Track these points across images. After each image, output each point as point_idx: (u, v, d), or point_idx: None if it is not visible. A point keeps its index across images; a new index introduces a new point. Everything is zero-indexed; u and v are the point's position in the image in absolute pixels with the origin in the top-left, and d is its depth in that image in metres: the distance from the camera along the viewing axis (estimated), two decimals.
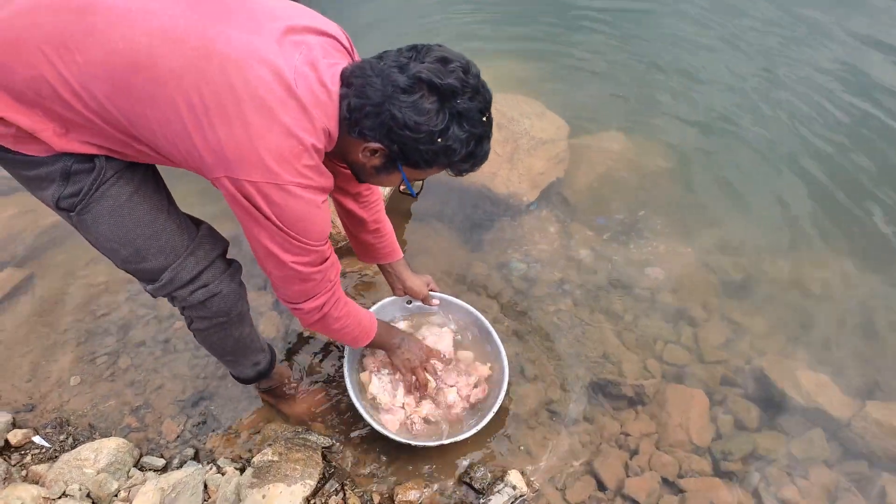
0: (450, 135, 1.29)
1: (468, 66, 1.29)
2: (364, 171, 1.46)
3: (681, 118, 3.67)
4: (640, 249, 2.86)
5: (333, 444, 2.10)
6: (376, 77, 1.26)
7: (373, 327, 1.91)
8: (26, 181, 1.39)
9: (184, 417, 2.21)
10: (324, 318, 1.64)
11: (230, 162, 1.22)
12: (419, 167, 1.37)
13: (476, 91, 1.30)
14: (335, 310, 1.65)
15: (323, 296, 1.58)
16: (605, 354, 2.41)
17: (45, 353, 2.41)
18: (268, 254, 1.40)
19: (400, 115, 1.25)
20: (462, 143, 1.32)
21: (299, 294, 1.55)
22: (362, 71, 1.28)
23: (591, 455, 2.13)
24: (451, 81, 1.25)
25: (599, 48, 4.29)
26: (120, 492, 1.89)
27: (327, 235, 1.46)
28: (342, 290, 1.69)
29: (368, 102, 1.26)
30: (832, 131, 3.56)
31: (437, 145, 1.30)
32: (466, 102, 1.28)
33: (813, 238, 2.94)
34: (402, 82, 1.24)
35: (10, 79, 1.20)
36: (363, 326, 1.85)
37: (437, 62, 1.26)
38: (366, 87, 1.26)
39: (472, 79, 1.28)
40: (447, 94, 1.26)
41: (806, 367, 2.37)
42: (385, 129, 1.29)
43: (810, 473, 2.09)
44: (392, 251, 2.12)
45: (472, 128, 1.31)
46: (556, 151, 3.14)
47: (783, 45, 4.34)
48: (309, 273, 1.48)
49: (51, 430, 2.16)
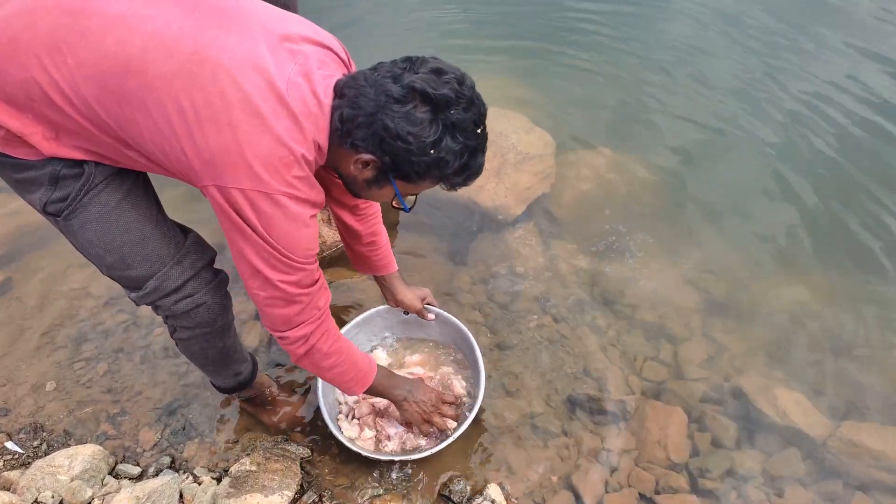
0: (443, 146, 1.27)
1: (463, 77, 1.28)
2: (356, 185, 1.43)
3: (668, 136, 3.71)
4: (623, 266, 2.89)
5: (312, 454, 2.09)
6: (370, 87, 1.24)
7: (371, 372, 1.81)
8: (14, 183, 1.38)
9: (161, 425, 2.19)
10: (311, 351, 1.57)
11: (219, 169, 1.21)
12: (411, 180, 1.35)
13: (471, 102, 1.28)
14: (323, 343, 1.57)
15: (310, 325, 1.52)
16: (587, 370, 2.42)
17: (21, 357, 2.38)
18: (253, 272, 1.36)
19: (392, 125, 1.23)
20: (455, 155, 1.29)
21: (284, 320, 1.48)
22: (355, 81, 1.27)
23: (571, 470, 2.13)
24: (446, 92, 1.23)
25: (588, 65, 4.34)
26: (94, 500, 1.86)
27: (315, 254, 1.43)
28: (334, 324, 1.63)
29: (361, 112, 1.24)
30: (821, 150, 3.61)
31: (429, 157, 1.27)
32: (460, 113, 1.26)
33: (795, 258, 2.97)
34: (396, 92, 1.23)
35: (3, 80, 1.19)
36: (359, 369, 1.75)
37: (432, 73, 1.25)
38: (359, 97, 1.24)
39: (466, 90, 1.27)
40: (441, 105, 1.24)
41: (784, 386, 2.39)
42: (377, 139, 1.26)
43: (786, 492, 2.11)
44: (387, 264, 2.09)
45: (466, 139, 1.29)
46: (542, 167, 3.17)
47: (773, 60, 4.40)
48: (295, 295, 1.43)
49: (24, 435, 2.13)
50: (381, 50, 3.45)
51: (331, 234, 2.71)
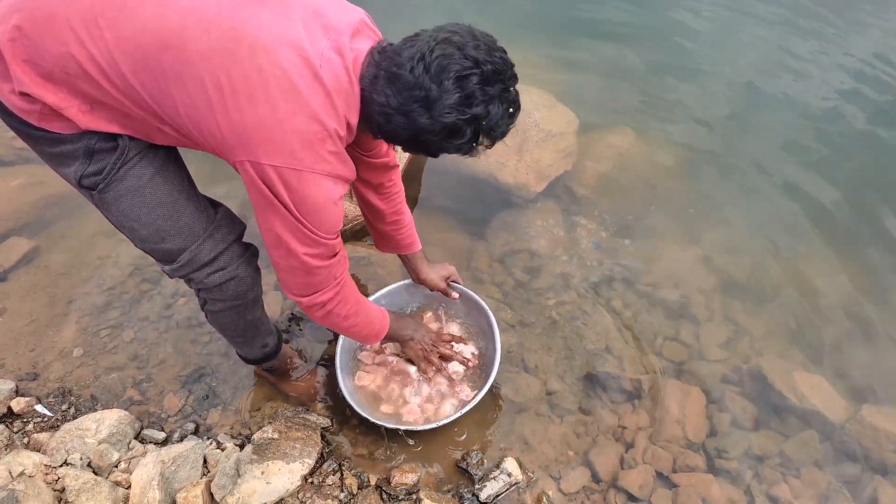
0: (492, 115, 1.26)
1: (494, 44, 1.26)
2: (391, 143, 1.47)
3: (691, 117, 3.67)
4: (644, 245, 2.88)
5: (332, 424, 2.12)
6: (398, 70, 1.23)
7: (384, 326, 1.88)
8: (49, 157, 1.40)
9: (185, 392, 2.23)
10: (329, 315, 1.62)
11: (254, 145, 1.22)
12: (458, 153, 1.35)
13: (499, 73, 1.25)
14: (341, 307, 1.62)
15: (328, 292, 1.56)
16: (606, 348, 2.43)
17: (49, 323, 2.43)
18: (278, 241, 1.39)
19: (424, 121, 1.24)
20: (494, 125, 1.29)
21: (303, 287, 1.53)
22: (386, 63, 1.26)
23: (588, 446, 2.15)
24: (482, 62, 1.21)
25: (614, 42, 4.28)
26: (120, 462, 1.91)
27: (339, 229, 1.45)
28: (353, 287, 1.66)
29: (389, 107, 1.26)
30: (844, 135, 3.56)
31: (464, 139, 1.28)
32: (493, 89, 1.24)
33: (817, 241, 2.95)
34: (426, 81, 1.21)
35: (40, 55, 1.20)
36: (373, 326, 1.83)
37: (457, 49, 1.22)
38: (387, 87, 1.25)
39: (497, 56, 1.24)
40: (470, 90, 1.22)
41: (803, 369, 2.38)
42: (408, 134, 1.29)
43: (802, 474, 2.12)
44: (410, 243, 2.10)
45: (503, 103, 1.27)
46: (564, 145, 3.14)
47: (800, 39, 4.33)
48: (316, 266, 1.46)
49: (53, 399, 2.18)
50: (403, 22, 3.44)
51: (352, 209, 2.72)
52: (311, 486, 1.88)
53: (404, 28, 1.34)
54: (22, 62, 1.21)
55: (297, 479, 1.82)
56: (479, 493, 1.94)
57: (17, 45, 1.20)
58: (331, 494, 1.87)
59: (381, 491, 1.94)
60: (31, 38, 1.19)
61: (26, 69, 1.22)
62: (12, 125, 1.34)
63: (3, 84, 1.26)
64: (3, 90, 1.27)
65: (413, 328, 2.08)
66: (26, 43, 1.20)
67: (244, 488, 1.74)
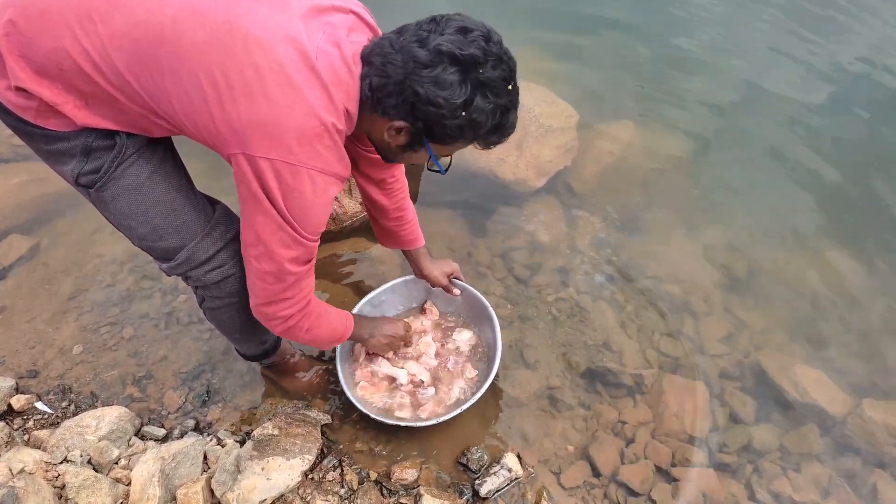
0: (474, 107, 1.25)
1: (489, 33, 1.25)
2: (390, 151, 1.44)
3: (692, 111, 3.66)
4: (644, 241, 2.87)
5: (332, 420, 2.12)
6: (396, 54, 1.23)
7: (347, 332, 1.84)
8: (46, 155, 1.39)
9: (185, 389, 2.23)
10: (289, 330, 1.59)
11: (249, 138, 1.21)
12: (446, 142, 1.34)
13: (499, 59, 1.25)
14: (304, 322, 1.59)
15: (291, 307, 1.52)
16: (606, 343, 2.43)
17: (49, 320, 2.43)
18: (256, 240, 1.37)
19: (422, 90, 1.22)
20: (488, 115, 1.28)
21: (269, 295, 1.48)
22: (381, 48, 1.26)
23: (587, 441, 2.15)
24: (473, 51, 1.21)
25: (615, 37, 4.27)
26: (121, 459, 1.91)
27: (321, 231, 1.43)
28: (316, 303, 1.63)
29: (390, 80, 1.24)
30: (845, 129, 3.55)
31: (461, 119, 1.26)
32: (489, 71, 1.24)
33: (817, 236, 2.94)
34: (423, 57, 1.21)
35: (34, 51, 1.20)
36: (336, 333, 1.79)
37: (458, 32, 1.23)
38: (386, 65, 1.24)
39: (494, 46, 1.24)
40: (469, 65, 1.22)
41: (804, 363, 2.38)
42: (408, 106, 1.26)
43: (803, 468, 2.12)
44: (413, 239, 2.10)
45: (497, 98, 1.27)
46: (564, 140, 3.14)
47: (803, 31, 4.31)
48: (288, 272, 1.43)
49: (53, 396, 2.18)
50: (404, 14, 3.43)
51: (352, 205, 2.72)
52: (311, 482, 1.88)
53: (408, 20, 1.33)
54: (17, 57, 1.21)
55: (297, 475, 1.82)
56: (479, 489, 1.94)
57: (12, 40, 1.20)
58: (331, 490, 1.87)
59: (382, 486, 1.94)
60: (25, 33, 1.19)
61: (21, 64, 1.21)
62: (9, 122, 1.34)
63: None
64: (0, 87, 1.26)
65: (371, 326, 2.02)
66: (20, 38, 1.19)
67: (244, 484, 1.74)
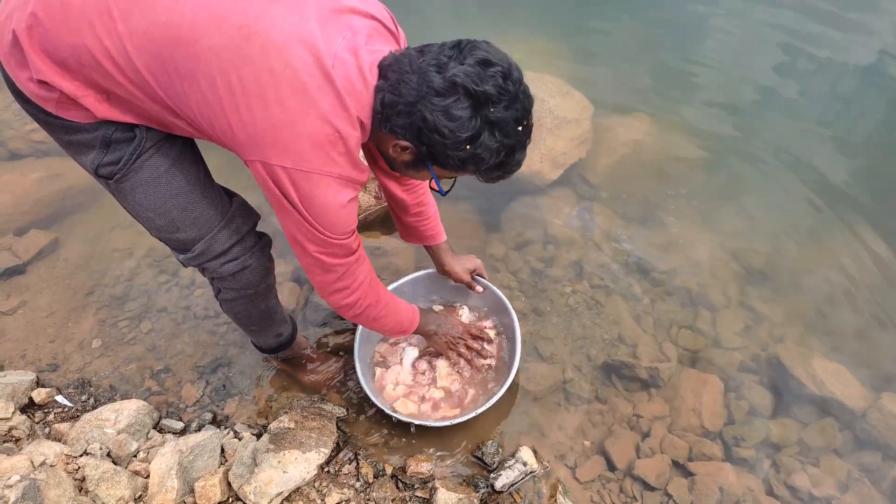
0: (480, 143, 1.24)
1: (509, 71, 1.23)
2: (395, 165, 1.44)
3: (708, 102, 3.62)
4: (660, 233, 2.85)
5: (348, 413, 2.13)
6: (413, 74, 1.22)
7: (413, 323, 1.92)
8: (66, 145, 1.41)
9: (203, 383, 2.25)
10: (359, 317, 1.68)
11: (264, 145, 1.22)
12: (447, 169, 1.34)
13: (514, 99, 1.24)
14: (371, 310, 1.67)
15: (353, 294, 1.58)
16: (621, 336, 2.42)
17: (68, 315, 2.46)
18: (293, 241, 1.42)
19: (431, 118, 1.21)
20: (492, 153, 1.27)
21: (325, 284, 1.55)
22: (400, 65, 1.24)
23: (603, 435, 2.14)
24: (488, 88, 1.20)
25: (629, 28, 4.24)
26: (139, 452, 1.93)
27: (352, 230, 1.45)
28: (382, 290, 1.71)
29: (401, 101, 1.23)
30: (864, 121, 3.49)
31: (465, 152, 1.25)
32: (501, 111, 1.22)
33: (836, 227, 2.90)
34: (438, 84, 1.20)
35: (56, 44, 1.20)
36: (402, 325, 1.88)
37: (478, 65, 1.21)
38: (401, 83, 1.22)
39: (511, 85, 1.22)
40: (482, 102, 1.21)
41: (822, 356, 2.36)
42: (415, 129, 1.25)
43: (821, 462, 2.10)
44: (435, 234, 2.10)
45: (505, 137, 1.26)
46: (579, 132, 3.11)
47: (817, 31, 4.24)
48: (332, 264, 1.47)
49: (73, 390, 2.21)
50: (418, 14, 3.42)
51: (365, 198, 2.72)
52: (327, 474, 1.89)
53: (417, 18, 1.32)
54: (39, 50, 1.21)
55: (313, 468, 1.84)
56: (494, 482, 1.94)
57: (34, 33, 1.20)
58: (347, 483, 1.88)
59: (397, 480, 1.95)
60: (47, 26, 1.19)
61: (43, 57, 1.22)
62: (31, 112, 1.35)
63: (20, 72, 1.26)
64: (21, 78, 1.27)
65: (438, 322, 2.07)
66: (42, 31, 1.20)
67: (261, 477, 1.75)
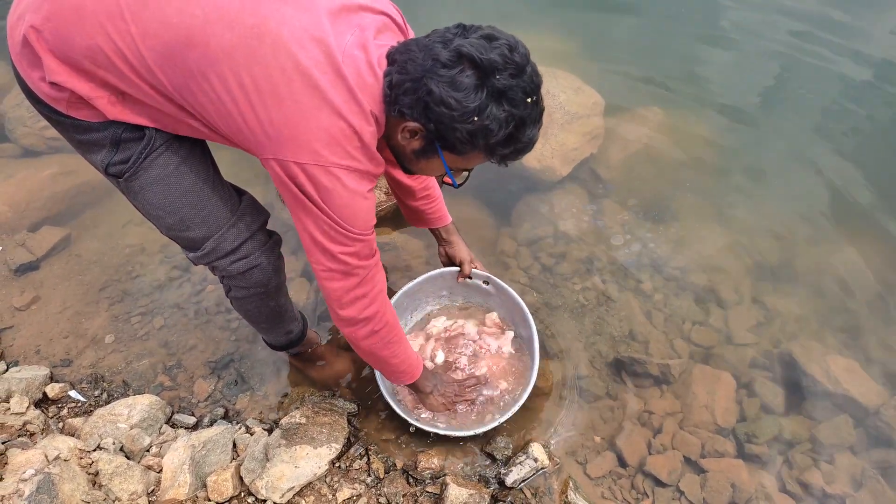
0: (487, 113, 1.22)
1: (515, 44, 1.22)
2: (405, 156, 1.42)
3: (721, 98, 3.60)
4: (672, 229, 2.83)
5: (359, 409, 2.14)
6: (419, 52, 1.22)
7: (419, 367, 1.87)
8: (77, 144, 1.42)
9: (215, 378, 2.26)
10: (372, 335, 1.60)
11: (278, 143, 1.22)
12: (458, 151, 1.31)
13: (520, 69, 1.22)
14: (387, 331, 1.62)
15: (370, 307, 1.53)
16: (632, 333, 2.41)
17: (81, 310, 2.47)
18: (314, 243, 1.38)
19: (437, 89, 1.20)
20: (500, 124, 1.24)
21: (343, 291, 1.48)
22: (406, 48, 1.25)
23: (614, 432, 2.14)
24: (493, 56, 1.18)
25: (640, 23, 4.21)
26: (152, 447, 1.95)
27: (373, 225, 1.43)
28: (395, 314, 1.66)
29: (408, 77, 1.22)
30: (880, 116, 3.46)
31: (472, 124, 1.23)
32: (507, 79, 1.20)
33: (850, 222, 2.88)
34: (443, 56, 1.20)
35: (69, 46, 1.21)
36: (410, 362, 1.81)
37: (483, 39, 1.21)
38: (407, 62, 1.22)
39: (517, 56, 1.21)
40: (488, 70, 1.19)
41: (836, 353, 2.33)
42: (422, 105, 1.23)
43: (835, 459, 2.08)
44: (441, 216, 2.10)
45: (513, 108, 1.23)
46: (590, 127, 3.10)
47: (834, 14, 4.19)
48: (354, 266, 1.44)
49: (86, 385, 2.22)
50: (426, 7, 3.41)
51: (376, 195, 2.72)
52: (338, 470, 1.90)
53: (425, 13, 1.32)
54: (52, 52, 1.22)
55: (324, 463, 1.84)
56: (504, 478, 1.94)
57: (47, 35, 1.21)
58: (358, 479, 1.89)
59: (408, 475, 1.95)
60: (59, 28, 1.20)
61: (56, 59, 1.23)
62: (42, 112, 1.36)
63: (32, 72, 1.27)
64: (33, 77, 1.28)
65: (435, 381, 2.02)
66: (55, 33, 1.21)
67: (273, 472, 1.76)
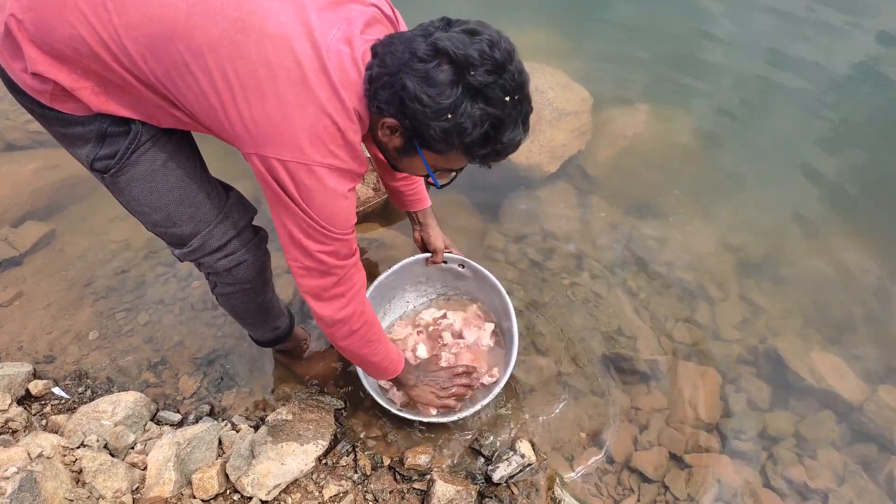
0: (462, 111, 1.16)
1: (498, 40, 1.17)
2: (389, 154, 1.40)
3: (707, 95, 3.60)
4: (659, 226, 2.85)
5: (346, 406, 2.13)
6: (400, 45, 1.19)
7: (400, 362, 1.83)
8: (61, 137, 1.39)
9: (200, 375, 2.25)
10: (352, 335, 1.59)
11: (261, 139, 1.20)
12: (434, 149, 1.27)
13: (499, 67, 1.16)
14: (366, 330, 1.60)
15: (348, 306, 1.51)
16: (620, 329, 2.42)
17: (65, 306, 2.45)
18: (292, 240, 1.36)
19: (410, 84, 1.16)
20: (475, 122, 1.18)
21: (321, 289, 1.46)
22: (390, 40, 1.22)
23: (601, 427, 2.15)
24: (471, 52, 1.13)
25: (629, 21, 4.21)
26: (136, 444, 1.93)
27: (353, 224, 1.40)
28: (374, 313, 1.63)
29: (386, 71, 1.19)
30: (864, 114, 3.49)
31: (447, 121, 1.18)
32: (483, 76, 1.14)
33: (835, 220, 2.90)
34: (420, 50, 1.16)
35: (50, 36, 1.19)
36: (391, 357, 1.78)
37: (464, 33, 1.16)
38: (387, 55, 1.19)
39: (497, 53, 1.15)
40: (464, 66, 1.14)
41: (820, 349, 2.36)
42: (398, 101, 1.19)
43: (818, 454, 2.10)
44: (420, 199, 2.07)
45: (489, 106, 1.17)
46: (578, 124, 3.10)
47: (822, 13, 4.22)
48: (332, 266, 1.41)
49: (70, 381, 2.20)
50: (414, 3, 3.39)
51: (364, 191, 2.71)
52: (325, 466, 1.89)
53: (413, 8, 1.31)
54: (33, 42, 1.20)
55: (311, 460, 1.84)
56: (491, 474, 1.94)
57: (28, 25, 1.19)
58: (345, 475, 1.88)
59: (395, 472, 1.95)
60: (40, 18, 1.18)
61: (38, 49, 1.21)
62: (25, 105, 1.33)
63: (15, 63, 1.25)
64: (16, 69, 1.25)
65: (416, 373, 1.97)
66: (36, 23, 1.18)
67: (259, 469, 1.75)
